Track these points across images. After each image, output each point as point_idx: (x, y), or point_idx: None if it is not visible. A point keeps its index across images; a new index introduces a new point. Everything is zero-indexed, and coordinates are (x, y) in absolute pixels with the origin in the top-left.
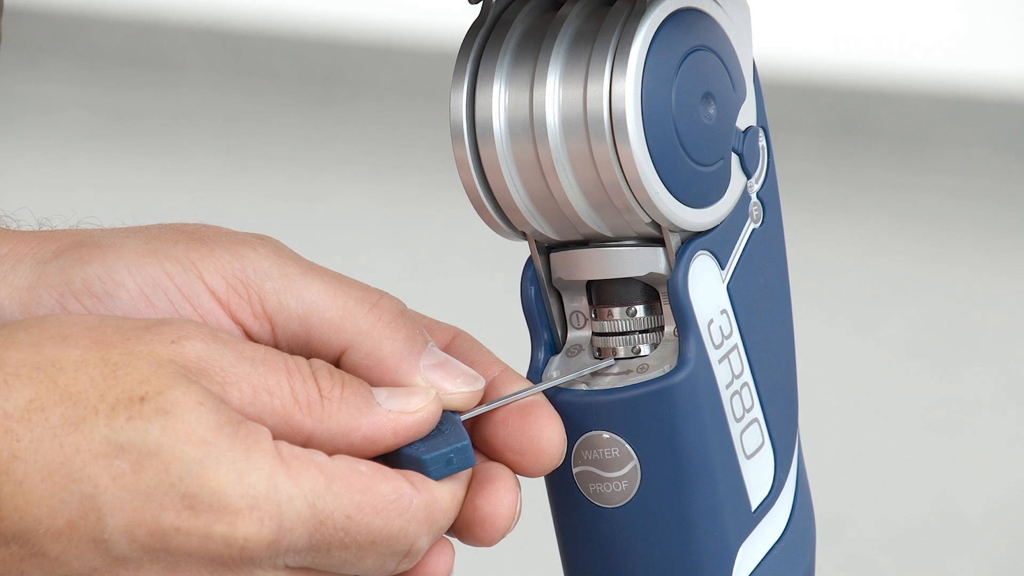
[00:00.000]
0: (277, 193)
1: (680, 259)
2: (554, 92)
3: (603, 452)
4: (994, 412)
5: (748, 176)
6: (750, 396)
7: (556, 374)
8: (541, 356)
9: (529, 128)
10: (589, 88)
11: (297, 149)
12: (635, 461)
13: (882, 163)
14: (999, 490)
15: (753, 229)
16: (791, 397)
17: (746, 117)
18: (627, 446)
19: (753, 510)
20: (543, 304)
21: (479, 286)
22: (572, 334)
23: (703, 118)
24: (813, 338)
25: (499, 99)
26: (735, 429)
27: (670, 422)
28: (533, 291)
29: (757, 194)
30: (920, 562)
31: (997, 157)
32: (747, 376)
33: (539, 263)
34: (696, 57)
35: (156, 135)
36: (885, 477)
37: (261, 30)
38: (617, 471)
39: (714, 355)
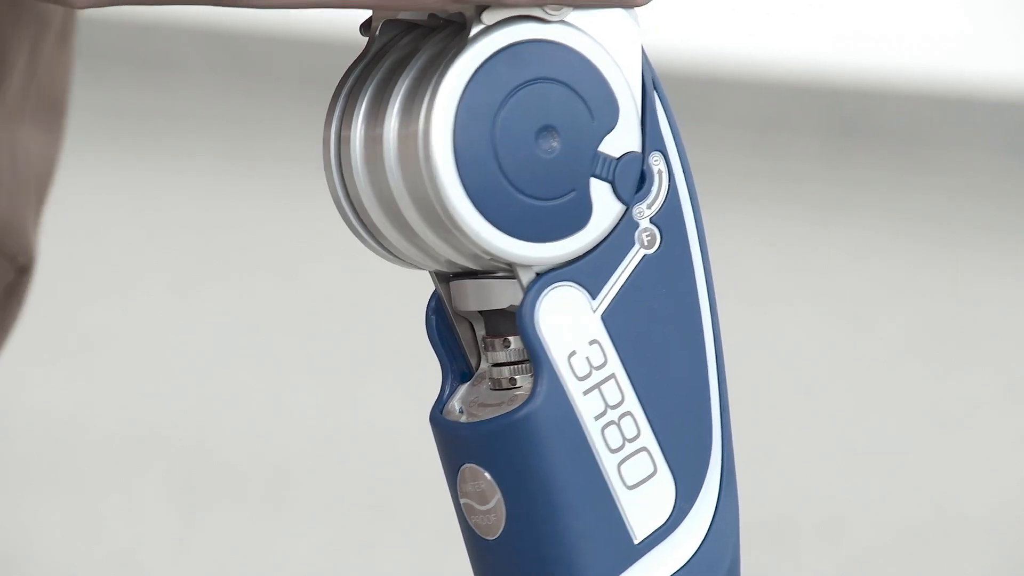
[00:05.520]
0: (277, 193)
1: (528, 292)
2: (391, 129)
3: (474, 484)
4: (994, 413)
5: (625, 203)
6: (634, 425)
7: (458, 405)
8: (447, 387)
9: (380, 164)
10: (412, 127)
11: (297, 149)
12: (499, 494)
13: (882, 163)
14: (999, 490)
15: (644, 255)
16: (701, 422)
17: (621, 143)
18: (490, 479)
19: (637, 542)
20: (445, 333)
21: None
22: (483, 364)
23: (540, 152)
24: (812, 338)
25: (357, 135)
26: (609, 460)
27: (520, 456)
28: (434, 320)
29: (651, 219)
30: (919, 562)
31: (997, 157)
32: (630, 405)
33: (442, 291)
34: (531, 91)
35: (156, 135)
36: (885, 477)
37: (262, 30)
38: (487, 504)
39: (576, 387)
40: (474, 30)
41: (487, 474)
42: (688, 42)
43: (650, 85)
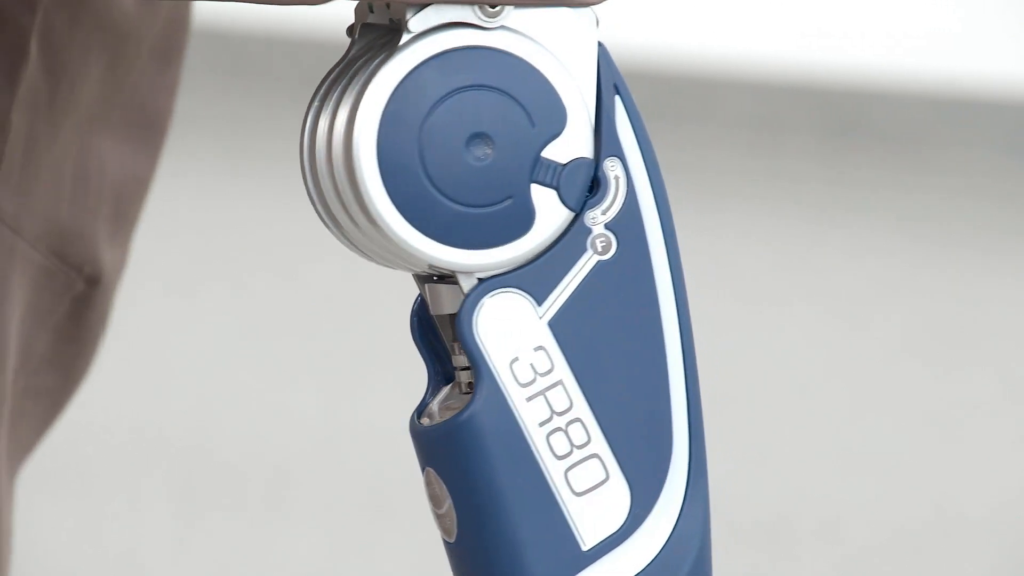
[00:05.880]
0: (277, 193)
1: (466, 298)
2: (339, 132)
3: (433, 487)
4: (992, 413)
5: (573, 209)
6: (584, 432)
7: (436, 408)
8: (430, 389)
9: (331, 165)
10: (347, 133)
11: (297, 149)
12: (449, 499)
13: (879, 163)
14: (997, 491)
15: (598, 262)
16: (659, 429)
17: (568, 149)
18: (442, 483)
19: (586, 548)
20: (428, 336)
21: None
22: None
23: (471, 160)
24: (809, 338)
25: (321, 135)
26: (555, 467)
27: (463, 461)
28: (416, 322)
29: (607, 225)
30: (917, 563)
31: (996, 158)
32: (579, 411)
33: (424, 293)
34: (462, 99)
35: None
36: (881, 477)
37: (261, 31)
38: (442, 508)
39: (519, 394)
40: (404, 38)
41: (439, 477)
42: (684, 41)
43: (609, 89)
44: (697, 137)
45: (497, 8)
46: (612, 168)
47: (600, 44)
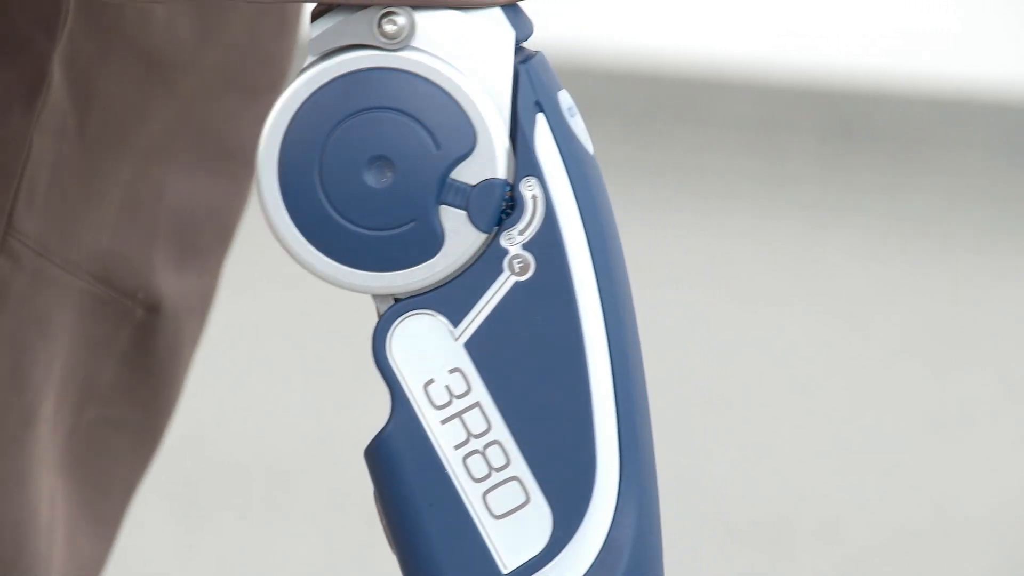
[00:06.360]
0: None
1: (380, 320)
2: None
3: (376, 503)
4: (991, 414)
5: (484, 231)
6: (502, 454)
7: None
8: None
9: None
10: None
11: None
12: (384, 516)
13: (879, 165)
14: (997, 491)
15: (515, 283)
16: (583, 449)
17: (478, 169)
18: (376, 500)
19: (506, 572)
20: None
21: None
22: None
23: (370, 183)
24: (809, 338)
25: None
26: (472, 489)
27: (383, 482)
28: None
29: (524, 246)
30: (917, 563)
31: (995, 159)
32: (498, 433)
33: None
34: (361, 121)
35: None
36: (881, 477)
37: None
38: (383, 522)
39: (433, 416)
40: (307, 60)
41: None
42: (684, 43)
43: (528, 107)
44: (697, 138)
45: (395, 29)
46: (529, 188)
47: (530, 58)
